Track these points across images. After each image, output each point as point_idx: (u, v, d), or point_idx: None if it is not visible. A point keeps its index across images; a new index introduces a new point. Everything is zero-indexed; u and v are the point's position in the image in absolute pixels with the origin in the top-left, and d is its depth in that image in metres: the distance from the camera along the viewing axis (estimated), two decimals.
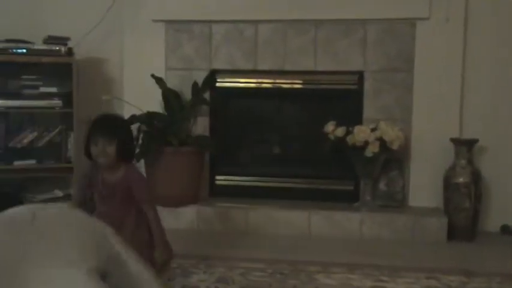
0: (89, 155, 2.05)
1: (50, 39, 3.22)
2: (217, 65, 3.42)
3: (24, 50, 3.17)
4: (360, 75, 3.33)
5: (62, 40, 3.23)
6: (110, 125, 2.08)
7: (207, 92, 3.40)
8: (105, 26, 3.42)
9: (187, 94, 3.39)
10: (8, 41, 3.16)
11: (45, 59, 3.17)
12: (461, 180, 3.07)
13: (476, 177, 3.08)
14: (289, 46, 3.35)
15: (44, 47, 3.20)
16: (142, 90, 3.38)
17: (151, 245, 2.07)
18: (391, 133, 3.11)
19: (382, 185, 3.26)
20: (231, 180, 3.50)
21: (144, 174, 3.26)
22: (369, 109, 3.32)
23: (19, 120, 3.36)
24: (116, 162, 2.04)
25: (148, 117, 3.25)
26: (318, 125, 3.28)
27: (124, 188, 2.04)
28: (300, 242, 3.02)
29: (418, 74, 3.25)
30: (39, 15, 3.46)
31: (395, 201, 3.24)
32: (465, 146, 3.09)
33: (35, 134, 3.25)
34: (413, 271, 2.54)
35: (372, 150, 3.09)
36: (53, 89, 3.26)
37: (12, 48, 3.15)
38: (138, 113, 3.24)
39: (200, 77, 3.37)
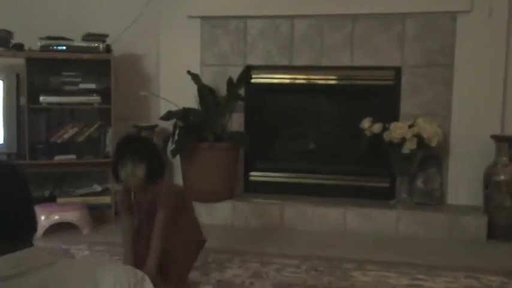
0: (117, 178, 2.04)
1: (89, 37, 3.28)
2: (253, 60, 3.42)
3: (65, 47, 3.24)
4: (398, 70, 3.27)
5: (101, 37, 3.29)
6: (137, 147, 2.04)
7: (242, 88, 3.41)
8: (142, 23, 3.47)
9: (222, 90, 3.40)
10: (49, 38, 3.23)
11: (84, 56, 3.23)
12: (502, 178, 2.99)
13: None
14: (325, 41, 3.32)
15: (83, 44, 3.26)
16: (178, 86, 3.41)
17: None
18: (429, 130, 3.04)
19: (419, 182, 3.20)
20: (266, 176, 3.50)
21: (180, 170, 3.32)
22: (406, 105, 3.26)
23: (59, 116, 3.44)
24: (146, 183, 2.02)
25: (184, 113, 3.28)
26: (353, 121, 3.24)
27: (154, 205, 2.03)
28: (335, 239, 3.00)
29: (459, 69, 3.17)
30: (79, 13, 3.53)
31: (433, 199, 3.18)
32: (507, 143, 3.00)
33: (75, 129, 3.33)
34: (452, 270, 2.49)
35: (409, 147, 3.03)
36: (92, 85, 3.33)
37: (53, 46, 3.22)
38: (174, 109, 3.28)
39: (235, 73, 3.38)
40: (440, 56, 3.19)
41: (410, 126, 3.07)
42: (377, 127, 3.12)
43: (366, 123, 3.16)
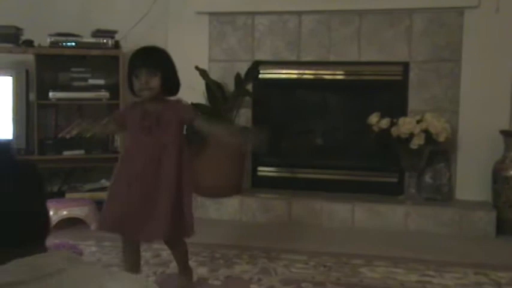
0: (131, 89, 1.97)
1: (98, 33, 3.29)
2: (260, 56, 3.42)
3: (74, 44, 3.25)
4: (405, 66, 3.26)
5: (110, 33, 3.30)
6: (152, 56, 1.96)
7: (250, 84, 3.41)
8: (150, 19, 3.47)
9: (230, 86, 3.41)
10: (58, 34, 3.25)
11: (93, 52, 3.25)
12: (511, 173, 2.98)
13: None
14: (333, 37, 3.32)
15: (93, 40, 3.27)
16: (186, 82, 3.38)
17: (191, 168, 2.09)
18: (437, 125, 3.04)
19: (427, 178, 3.20)
20: (273, 172, 3.51)
21: None
22: (414, 100, 3.25)
23: (68, 112, 3.46)
24: (160, 96, 1.96)
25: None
26: (361, 117, 3.23)
27: (169, 115, 1.97)
28: (343, 235, 3.01)
29: (466, 65, 3.15)
30: (88, 9, 3.55)
31: (442, 194, 3.18)
32: None
33: (84, 125, 3.34)
34: (461, 266, 2.49)
35: (417, 142, 3.03)
36: (101, 81, 3.34)
37: (62, 42, 3.24)
38: None
39: (243, 68, 3.38)
40: (448, 52, 3.18)
41: (418, 122, 3.06)
42: (385, 122, 3.12)
43: (373, 118, 3.16)
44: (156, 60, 1.95)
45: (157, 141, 1.96)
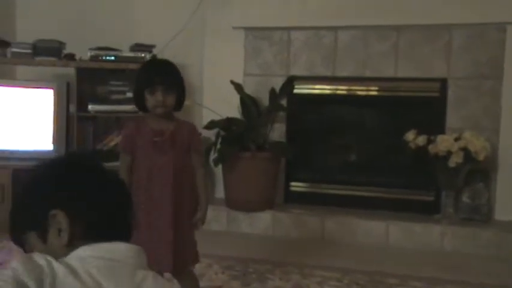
0: (140, 106, 1.87)
1: (136, 47, 3.37)
2: (295, 71, 3.42)
3: (113, 57, 3.33)
4: (443, 82, 3.21)
5: (147, 47, 3.37)
6: (170, 73, 1.87)
7: (284, 99, 3.42)
8: (187, 34, 3.53)
9: (264, 100, 3.42)
10: (98, 48, 3.33)
11: (131, 66, 3.31)
12: None
13: None
14: (369, 52, 3.30)
15: (131, 54, 3.35)
16: (221, 96, 3.45)
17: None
18: (476, 143, 2.97)
19: (465, 197, 3.12)
20: (307, 187, 3.49)
21: (221, 179, 3.35)
22: (452, 118, 3.19)
23: (105, 124, 3.53)
24: (170, 113, 1.88)
25: (227, 123, 3.31)
26: (396, 133, 3.19)
27: (181, 136, 1.89)
28: (377, 253, 2.95)
29: (508, 81, 3.08)
30: (127, 24, 3.64)
31: (480, 215, 3.09)
32: None
33: (121, 137, 3.41)
34: None
35: (455, 160, 2.96)
36: None
37: (102, 56, 3.32)
38: (216, 118, 3.31)
39: (278, 83, 3.39)
40: (489, 68, 3.11)
41: (456, 140, 3.00)
42: (421, 139, 3.06)
43: (410, 135, 3.11)
44: (173, 78, 1.87)
45: (174, 163, 1.87)
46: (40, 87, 3.29)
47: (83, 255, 0.82)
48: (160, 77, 1.83)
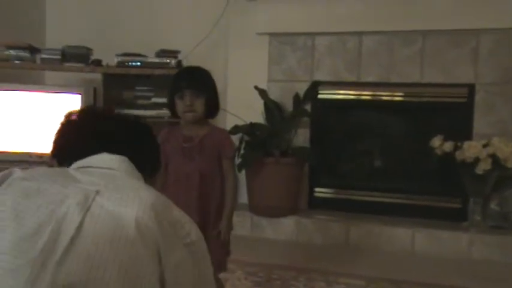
0: (172, 111, 1.89)
1: (162, 53, 3.40)
2: (319, 76, 3.41)
3: (139, 63, 3.37)
4: (471, 87, 3.16)
5: (173, 53, 3.40)
6: (197, 78, 1.88)
7: (309, 104, 3.41)
8: (212, 40, 3.56)
9: (288, 105, 3.42)
10: (125, 54, 3.38)
11: (157, 72, 3.35)
12: None
13: None
14: (394, 57, 3.27)
15: (156, 60, 3.38)
16: (245, 102, 3.46)
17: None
18: (505, 150, 2.91)
19: (493, 204, 3.06)
20: (331, 193, 3.47)
21: (245, 184, 3.35)
22: (479, 124, 3.13)
23: None
24: (202, 119, 1.88)
25: (251, 128, 3.32)
26: (422, 139, 3.15)
27: (211, 143, 1.89)
28: (403, 260, 2.91)
29: None
30: (153, 30, 3.68)
31: (509, 223, 3.02)
32: None
33: None
34: None
35: (483, 167, 2.91)
36: (163, 100, 3.41)
37: (128, 62, 3.37)
38: (240, 123, 3.32)
39: (302, 88, 3.38)
40: None
41: (484, 146, 2.94)
42: (448, 146, 3.02)
43: (436, 141, 3.07)
44: (201, 82, 1.87)
45: (200, 169, 1.87)
46: (68, 93, 3.36)
47: None
48: (188, 82, 1.85)
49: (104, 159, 0.96)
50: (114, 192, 0.85)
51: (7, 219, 0.80)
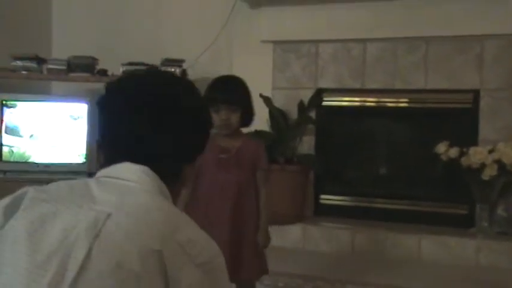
0: None
1: (167, 62, 3.42)
2: (324, 83, 3.42)
3: None
4: (476, 93, 3.15)
5: (178, 62, 3.42)
6: (233, 91, 1.88)
7: (313, 111, 3.41)
8: (216, 48, 3.58)
9: (293, 113, 3.42)
10: (130, 64, 3.40)
11: None
12: None
13: None
14: (398, 64, 3.28)
15: (162, 68, 3.40)
16: None
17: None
18: (511, 155, 2.90)
19: (500, 210, 3.04)
20: (336, 200, 3.46)
21: None
22: (485, 129, 3.13)
23: None
24: (237, 129, 1.91)
25: (256, 136, 3.32)
26: (428, 145, 3.14)
27: (246, 154, 1.91)
28: (410, 268, 2.90)
29: None
30: (158, 39, 3.71)
31: None
32: None
33: None
34: None
35: (489, 173, 2.90)
36: None
37: (133, 71, 3.39)
38: (245, 131, 3.32)
39: (306, 96, 3.39)
40: None
41: (490, 152, 2.94)
42: (454, 152, 3.01)
43: (442, 147, 3.06)
44: (237, 96, 1.88)
45: (237, 181, 1.88)
46: (74, 102, 3.38)
47: None
48: (224, 96, 1.85)
49: (125, 170, 0.91)
50: (124, 217, 0.82)
51: (23, 246, 0.79)
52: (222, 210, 1.86)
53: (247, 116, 1.92)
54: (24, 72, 3.40)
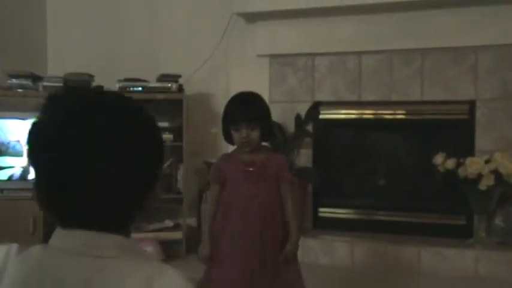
0: (227, 138, 1.94)
1: (163, 77, 3.43)
2: (321, 96, 3.44)
3: (140, 88, 3.40)
4: (471, 104, 3.17)
5: (174, 77, 3.43)
6: (252, 109, 1.90)
7: (310, 124, 3.42)
8: (212, 63, 3.59)
9: (290, 126, 3.43)
10: (126, 80, 3.41)
11: (158, 96, 3.37)
12: None
13: None
14: (394, 76, 3.30)
15: (158, 84, 3.41)
16: None
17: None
18: (507, 165, 2.92)
19: (498, 220, 3.06)
20: (335, 213, 3.46)
21: None
22: (481, 140, 3.14)
23: None
24: (258, 144, 1.93)
25: None
26: (425, 157, 3.16)
27: (271, 167, 1.93)
28: (410, 279, 2.90)
29: None
30: (154, 55, 3.71)
31: None
32: None
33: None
34: None
35: (486, 183, 2.91)
36: (165, 124, 3.44)
37: (130, 87, 3.39)
38: None
39: (303, 109, 3.40)
40: None
41: (486, 162, 2.95)
42: (451, 163, 3.02)
43: (439, 158, 3.07)
44: (256, 113, 1.90)
45: (262, 194, 1.91)
46: None
47: None
48: (243, 115, 1.88)
49: (93, 241, 0.83)
50: None
51: None
52: (250, 223, 1.89)
53: (267, 131, 1.95)
54: (19, 90, 3.40)
